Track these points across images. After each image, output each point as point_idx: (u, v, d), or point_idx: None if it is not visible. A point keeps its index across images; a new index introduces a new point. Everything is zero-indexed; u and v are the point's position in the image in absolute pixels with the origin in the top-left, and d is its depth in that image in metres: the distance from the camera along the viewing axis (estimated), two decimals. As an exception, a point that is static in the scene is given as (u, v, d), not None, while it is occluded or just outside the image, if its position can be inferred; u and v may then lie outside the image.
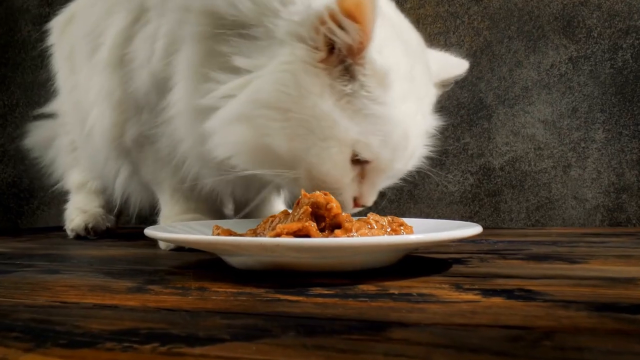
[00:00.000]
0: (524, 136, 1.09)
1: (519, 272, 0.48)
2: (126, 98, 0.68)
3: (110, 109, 0.70)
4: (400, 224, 0.51)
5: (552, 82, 1.08)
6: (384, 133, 0.54)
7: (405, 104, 0.56)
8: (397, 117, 0.54)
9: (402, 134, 0.55)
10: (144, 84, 0.66)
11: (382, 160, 0.56)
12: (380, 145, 0.54)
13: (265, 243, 0.42)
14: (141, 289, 0.42)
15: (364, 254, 0.46)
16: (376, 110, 0.54)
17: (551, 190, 1.07)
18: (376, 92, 0.54)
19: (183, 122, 0.61)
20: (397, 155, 0.56)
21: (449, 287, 0.41)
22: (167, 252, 0.67)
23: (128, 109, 0.69)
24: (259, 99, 0.53)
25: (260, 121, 0.54)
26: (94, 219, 0.93)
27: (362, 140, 0.54)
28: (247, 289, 0.41)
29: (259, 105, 0.53)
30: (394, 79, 0.54)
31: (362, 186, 0.58)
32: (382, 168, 0.57)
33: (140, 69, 0.65)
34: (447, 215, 1.12)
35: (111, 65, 0.68)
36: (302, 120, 0.53)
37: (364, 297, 0.38)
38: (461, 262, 0.54)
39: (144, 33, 0.65)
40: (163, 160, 0.70)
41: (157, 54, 0.63)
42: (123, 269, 0.53)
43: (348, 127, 0.53)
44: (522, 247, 0.67)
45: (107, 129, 0.71)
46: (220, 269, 0.51)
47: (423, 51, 0.63)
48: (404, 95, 0.55)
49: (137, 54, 0.66)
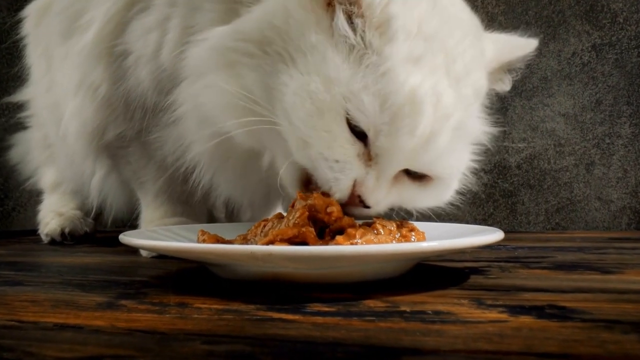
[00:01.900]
0: (543, 131, 1.07)
1: (546, 284, 0.44)
2: (116, 96, 0.65)
3: (95, 106, 0.66)
4: (410, 229, 0.47)
5: (573, 72, 1.06)
6: (380, 91, 0.46)
7: (418, 66, 0.47)
8: (400, 75, 0.46)
9: (406, 98, 0.46)
10: (143, 82, 0.62)
11: (381, 130, 0.46)
12: (375, 105, 0.46)
13: (255, 252, 0.39)
14: (112, 305, 0.39)
15: (370, 264, 0.43)
16: (372, 61, 0.47)
17: (573, 191, 1.05)
18: (375, 40, 0.47)
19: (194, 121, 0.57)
20: (399, 125, 0.46)
21: (469, 303, 0.37)
22: (149, 260, 0.64)
23: (118, 107, 0.66)
24: (240, 30, 0.51)
25: (235, 57, 0.50)
26: (70, 222, 0.90)
27: (354, 91, 0.46)
28: (234, 305, 0.38)
29: (238, 37, 0.50)
30: (401, 30, 0.47)
31: (370, 171, 0.48)
32: (384, 145, 0.47)
33: (140, 65, 0.62)
34: (460, 217, 1.08)
35: (96, 56, 0.65)
36: (283, 54, 0.49)
37: (370, 316, 0.34)
38: (479, 271, 0.51)
39: (142, 24, 0.61)
40: (151, 159, 0.67)
41: (168, 47, 0.59)
42: (96, 280, 0.50)
43: (340, 67, 0.47)
44: (545, 254, 0.64)
45: (88, 127, 0.68)
46: (205, 279, 0.48)
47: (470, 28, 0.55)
48: (418, 55, 0.47)
49: (135, 47, 0.62)
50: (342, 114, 0.47)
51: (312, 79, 0.47)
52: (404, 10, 0.48)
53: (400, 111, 0.46)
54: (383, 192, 0.49)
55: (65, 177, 0.90)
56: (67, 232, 0.89)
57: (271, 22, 0.50)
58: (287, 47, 0.49)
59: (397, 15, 0.48)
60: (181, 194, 0.69)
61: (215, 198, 0.67)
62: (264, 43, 0.50)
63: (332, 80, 0.47)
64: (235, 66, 0.51)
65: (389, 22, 0.48)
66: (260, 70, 0.50)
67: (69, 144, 0.72)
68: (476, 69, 0.53)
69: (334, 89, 0.46)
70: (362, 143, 0.48)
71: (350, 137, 0.47)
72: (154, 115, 0.63)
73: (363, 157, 0.48)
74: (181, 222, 0.68)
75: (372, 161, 0.48)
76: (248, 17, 0.52)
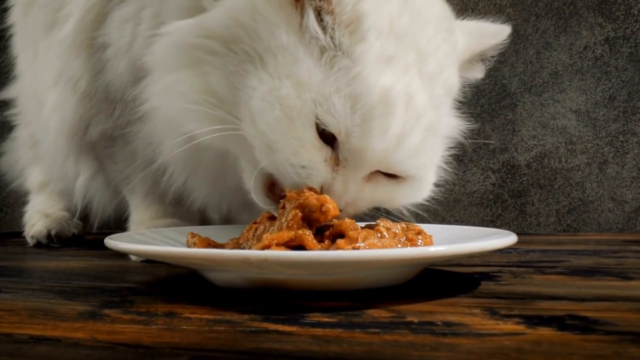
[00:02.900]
0: (554, 128, 1.05)
1: (564, 291, 0.42)
2: (96, 90, 0.64)
3: (75, 101, 0.65)
4: (417, 232, 0.46)
5: (585, 67, 1.04)
6: (351, 93, 0.46)
7: (389, 65, 0.47)
8: (371, 76, 0.46)
9: (378, 99, 0.46)
10: (121, 75, 0.61)
11: (352, 133, 0.46)
12: (346, 108, 0.45)
13: (250, 257, 0.37)
14: (95, 315, 0.37)
15: (374, 270, 0.41)
16: (343, 63, 0.46)
17: (585, 191, 1.04)
18: (345, 40, 0.47)
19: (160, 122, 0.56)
20: (371, 127, 0.46)
21: (482, 313, 0.35)
22: (138, 265, 0.62)
23: (98, 102, 0.65)
24: (205, 26, 0.49)
25: (198, 54, 0.49)
26: (57, 223, 0.89)
27: (325, 94, 0.45)
28: (227, 315, 0.36)
29: (201, 34, 0.49)
30: (372, 29, 0.47)
31: (337, 175, 0.48)
32: (353, 148, 0.47)
33: (118, 57, 0.61)
34: (466, 219, 1.08)
35: (76, 48, 0.64)
36: (251, 53, 0.47)
37: (374, 328, 0.32)
38: (490, 277, 0.49)
39: (121, 14, 0.61)
40: (137, 158, 0.66)
41: (141, 38, 0.58)
42: (79, 287, 0.48)
43: (311, 69, 0.46)
44: (559, 257, 0.63)
45: (68, 123, 0.66)
46: (197, 286, 0.46)
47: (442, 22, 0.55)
48: (390, 55, 0.48)
49: (113, 39, 0.61)
50: (312, 119, 0.46)
51: (283, 83, 0.46)
52: (375, 8, 0.48)
53: (371, 112, 0.46)
54: (352, 196, 0.49)
55: (52, 177, 0.89)
56: (53, 234, 0.88)
57: (238, 18, 0.48)
58: (255, 46, 0.48)
59: (368, 12, 0.47)
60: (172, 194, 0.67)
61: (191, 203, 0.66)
62: (230, 41, 0.48)
63: (304, 85, 0.46)
64: (199, 65, 0.49)
65: (360, 20, 0.47)
66: (226, 69, 0.48)
67: (50, 140, 0.71)
68: (448, 65, 0.53)
69: (305, 94, 0.46)
70: (329, 147, 0.48)
71: (318, 142, 0.47)
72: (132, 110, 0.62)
73: (330, 161, 0.48)
74: (172, 224, 0.66)
75: (339, 165, 0.48)
76: (213, 12, 0.50)
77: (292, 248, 0.41)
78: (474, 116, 1.07)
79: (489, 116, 1.08)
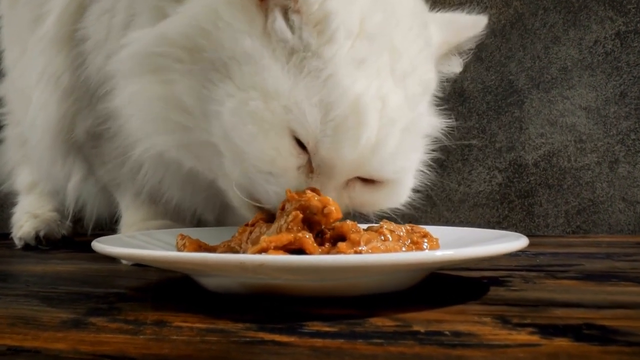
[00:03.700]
0: (563, 126, 1.04)
1: (578, 298, 0.41)
2: (78, 84, 0.64)
3: (58, 97, 0.65)
4: (423, 235, 0.44)
5: (596, 62, 1.03)
6: (323, 100, 0.45)
7: (361, 69, 0.46)
8: (343, 81, 0.45)
9: (350, 108, 0.45)
10: (101, 69, 0.60)
11: (323, 142, 0.45)
12: (317, 116, 0.45)
13: (245, 262, 0.35)
14: (79, 323, 0.36)
15: (377, 275, 0.39)
16: (313, 66, 0.45)
17: (595, 191, 1.02)
18: (314, 41, 0.46)
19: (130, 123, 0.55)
20: (342, 139, 0.45)
21: (493, 322, 0.34)
22: (129, 269, 0.61)
23: (80, 97, 0.64)
24: (166, 35, 0.48)
25: (162, 62, 0.48)
26: (46, 225, 0.88)
27: (295, 102, 0.45)
28: (220, 324, 0.34)
29: (164, 42, 0.48)
30: (341, 29, 0.46)
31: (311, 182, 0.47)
32: (324, 157, 0.46)
33: (96, 50, 0.61)
34: (471, 220, 1.07)
35: (58, 42, 0.64)
36: (216, 62, 0.46)
37: (378, 338, 0.31)
38: (500, 282, 0.48)
39: (100, 6, 0.60)
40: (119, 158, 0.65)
41: (115, 31, 0.58)
42: (65, 293, 0.47)
43: (279, 76, 0.45)
44: (570, 261, 0.61)
45: (53, 121, 0.66)
46: (189, 291, 0.45)
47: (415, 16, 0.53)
48: (361, 57, 0.47)
49: (91, 32, 0.61)
50: (286, 126, 0.46)
51: (250, 95, 0.45)
52: (344, 6, 0.46)
53: (343, 124, 0.45)
54: None
55: (41, 177, 0.88)
56: (42, 236, 0.86)
57: (199, 25, 0.47)
58: (219, 54, 0.46)
59: (336, 11, 0.46)
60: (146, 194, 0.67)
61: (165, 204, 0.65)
62: (194, 50, 0.47)
63: (272, 94, 0.45)
64: (164, 72, 0.49)
65: (328, 19, 0.46)
66: (193, 78, 0.48)
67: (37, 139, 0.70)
68: (424, 62, 0.52)
69: (274, 103, 0.45)
70: (306, 154, 0.47)
71: (294, 150, 0.46)
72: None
73: (305, 169, 0.47)
74: (164, 225, 0.65)
75: (314, 173, 0.47)
76: (174, 19, 0.49)
77: (291, 251, 0.40)
78: (479, 114, 1.07)
79: (495, 113, 1.07)
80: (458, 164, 1.08)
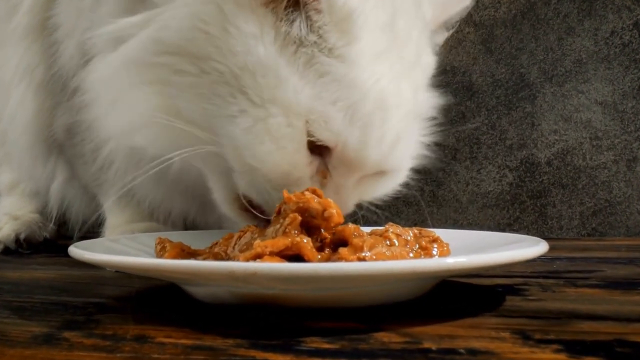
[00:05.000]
0: (577, 122, 1.03)
1: (605, 309, 0.39)
2: (52, 76, 0.62)
3: (33, 91, 0.64)
4: (432, 240, 0.42)
5: (612, 54, 1.02)
6: (349, 103, 0.45)
7: (381, 64, 0.47)
8: (368, 80, 0.45)
9: (376, 106, 0.46)
10: (72, 58, 0.59)
11: (350, 144, 0.46)
12: (344, 120, 0.45)
13: (235, 270, 0.33)
14: (51, 339, 0.33)
15: (383, 284, 0.37)
16: (337, 69, 0.45)
17: (612, 191, 1.01)
18: (336, 41, 0.45)
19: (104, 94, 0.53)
20: (370, 137, 0.46)
21: (512, 337, 0.32)
22: (113, 275, 0.58)
23: (55, 90, 0.63)
24: (163, 40, 0.45)
25: (160, 74, 0.45)
26: (27, 227, 0.86)
27: (319, 111, 0.44)
28: (207, 340, 0.32)
29: (162, 50, 0.45)
30: (364, 25, 0.45)
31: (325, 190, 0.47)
32: (350, 158, 0.47)
33: (68, 38, 0.60)
34: (480, 222, 1.05)
35: (31, 32, 0.63)
36: (226, 74, 0.44)
37: (384, 357, 0.29)
38: (515, 291, 0.46)
39: None
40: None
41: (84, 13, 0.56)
42: (41, 302, 0.45)
43: (299, 87, 0.44)
44: (590, 267, 0.59)
45: (30, 117, 0.65)
46: (176, 301, 0.43)
47: None
48: (380, 51, 0.47)
49: (63, 18, 0.60)
50: (304, 139, 0.45)
51: (269, 111, 0.44)
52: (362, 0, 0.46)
53: (370, 122, 0.46)
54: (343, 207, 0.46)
55: (23, 177, 0.87)
56: (22, 239, 0.84)
57: (204, 29, 0.44)
58: (229, 63, 0.44)
59: (357, 6, 0.45)
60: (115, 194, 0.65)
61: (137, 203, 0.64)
62: (198, 59, 0.45)
63: (292, 107, 0.44)
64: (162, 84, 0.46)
65: (352, 17, 0.45)
66: (197, 93, 0.45)
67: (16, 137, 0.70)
68: (424, 46, 0.54)
69: (296, 118, 0.44)
70: (319, 158, 0.47)
71: (308, 159, 0.46)
72: None
73: (318, 175, 0.48)
74: (151, 228, 0.63)
75: (327, 177, 0.48)
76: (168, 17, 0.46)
77: (287, 257, 0.38)
78: (488, 109, 1.06)
79: (505, 109, 1.06)
80: (466, 162, 1.07)
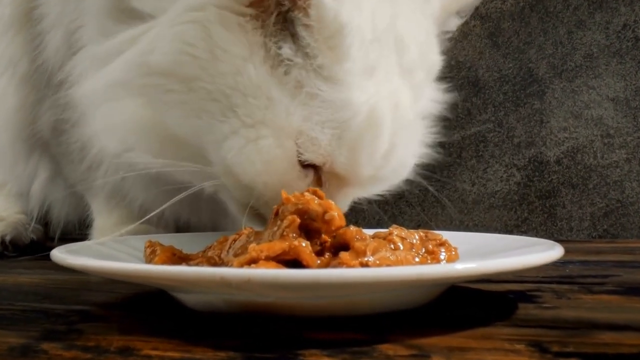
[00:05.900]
0: (588, 119, 1.04)
1: (626, 318, 0.37)
2: (36, 69, 0.62)
3: (15, 85, 0.64)
4: (439, 244, 0.41)
5: (624, 48, 1.02)
6: (337, 124, 0.45)
7: (373, 78, 0.47)
8: (358, 100, 0.45)
9: (366, 124, 0.46)
10: (60, 49, 0.59)
11: (338, 163, 0.47)
12: (331, 141, 0.45)
13: (228, 277, 0.31)
14: (28, 351, 0.32)
15: (387, 292, 0.36)
16: (325, 91, 0.45)
17: (624, 191, 1.02)
18: (325, 60, 0.45)
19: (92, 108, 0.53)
20: (359, 157, 0.47)
21: (528, 350, 0.30)
22: (100, 281, 0.57)
23: (39, 84, 0.63)
24: (149, 63, 0.46)
25: (149, 92, 0.46)
26: (13, 228, 0.84)
27: (305, 132, 0.45)
28: (197, 352, 0.31)
29: (148, 72, 0.46)
30: (354, 40, 0.45)
31: None
32: (341, 176, 0.48)
33: (54, 29, 0.59)
34: (486, 223, 1.06)
35: (15, 23, 0.63)
36: (215, 93, 0.45)
37: (390, 372, 0.27)
38: (528, 298, 0.44)
39: None
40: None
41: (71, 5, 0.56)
42: (22, 310, 0.43)
43: (291, 109, 0.45)
44: (605, 271, 0.58)
45: (11, 112, 0.66)
46: (165, 308, 0.42)
47: None
48: (372, 64, 0.47)
49: (49, 9, 0.59)
50: (295, 157, 0.46)
51: (260, 132, 0.45)
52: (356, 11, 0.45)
53: (359, 140, 0.46)
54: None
55: (7, 177, 0.86)
56: (8, 241, 0.82)
57: (190, 52, 0.45)
58: (217, 84, 0.45)
59: (349, 21, 0.44)
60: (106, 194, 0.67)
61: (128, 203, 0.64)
62: (186, 80, 0.45)
63: (284, 129, 0.45)
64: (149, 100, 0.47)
65: (342, 33, 0.44)
66: (186, 109, 0.46)
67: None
68: (429, 45, 0.54)
69: (287, 139, 0.46)
70: (312, 170, 0.48)
71: (302, 173, 0.47)
72: None
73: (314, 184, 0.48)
74: (141, 230, 0.61)
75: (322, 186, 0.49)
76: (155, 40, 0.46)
77: (285, 262, 0.36)
78: (495, 105, 1.06)
79: (513, 105, 1.06)
80: (472, 161, 1.07)
